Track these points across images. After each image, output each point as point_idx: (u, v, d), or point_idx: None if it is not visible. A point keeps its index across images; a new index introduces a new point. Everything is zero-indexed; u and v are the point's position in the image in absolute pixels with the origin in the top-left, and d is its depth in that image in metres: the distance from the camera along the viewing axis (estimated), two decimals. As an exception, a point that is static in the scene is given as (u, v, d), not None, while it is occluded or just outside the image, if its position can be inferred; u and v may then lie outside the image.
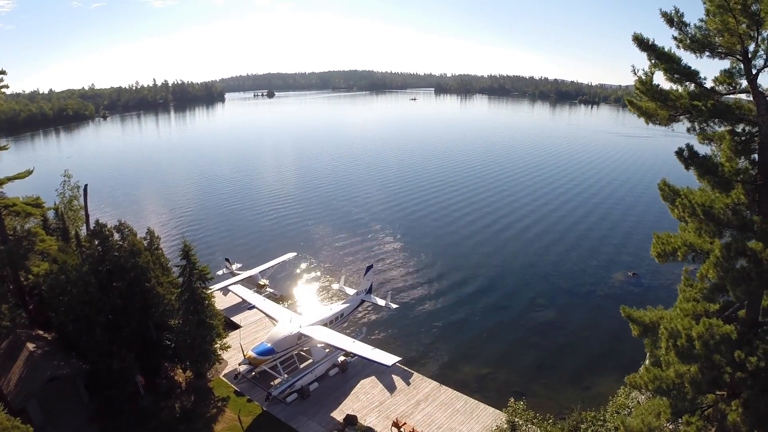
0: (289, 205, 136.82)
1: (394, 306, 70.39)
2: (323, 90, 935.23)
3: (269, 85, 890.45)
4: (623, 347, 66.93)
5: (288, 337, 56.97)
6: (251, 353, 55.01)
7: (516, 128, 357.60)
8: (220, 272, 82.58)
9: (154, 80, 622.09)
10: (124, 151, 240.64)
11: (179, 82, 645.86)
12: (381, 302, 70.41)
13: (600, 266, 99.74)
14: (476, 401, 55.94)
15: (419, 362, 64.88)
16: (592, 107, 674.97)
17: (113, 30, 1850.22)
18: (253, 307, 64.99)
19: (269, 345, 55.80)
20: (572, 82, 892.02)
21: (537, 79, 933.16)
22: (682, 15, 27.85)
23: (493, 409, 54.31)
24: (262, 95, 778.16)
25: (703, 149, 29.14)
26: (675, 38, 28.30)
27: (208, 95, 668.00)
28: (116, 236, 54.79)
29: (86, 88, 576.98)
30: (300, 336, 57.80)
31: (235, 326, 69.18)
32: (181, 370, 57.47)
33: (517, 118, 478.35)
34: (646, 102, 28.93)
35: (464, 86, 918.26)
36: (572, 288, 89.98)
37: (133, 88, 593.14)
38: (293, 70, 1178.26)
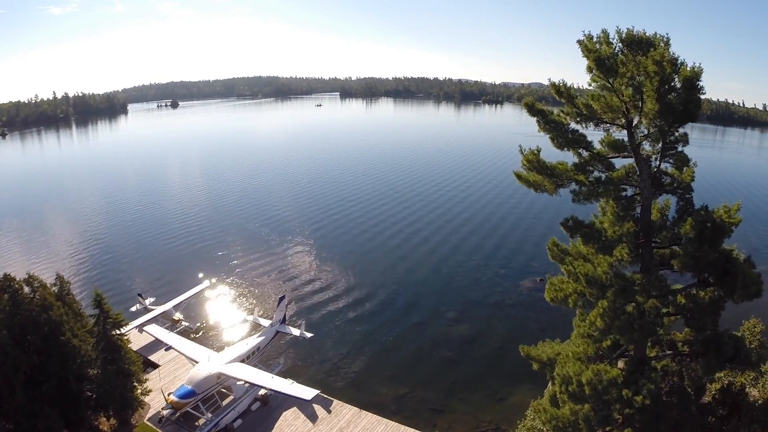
0: (197, 229, 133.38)
1: (309, 335, 70.69)
2: (228, 98, 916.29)
3: (173, 94, 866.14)
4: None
5: (208, 377, 57.29)
6: (173, 397, 54.99)
7: (422, 132, 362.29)
8: (133, 308, 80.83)
9: (54, 93, 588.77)
10: (26, 175, 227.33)
11: (80, 95, 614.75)
12: (296, 332, 70.66)
13: (508, 274, 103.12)
14: (396, 423, 57.42)
15: (338, 388, 65.85)
16: (496, 107, 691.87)
17: (10, 39, 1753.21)
18: (170, 348, 64.83)
19: (190, 387, 55.98)
20: (476, 81, 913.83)
21: (441, 80, 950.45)
22: (570, 87, 30.08)
23: (414, 430, 56.08)
24: (166, 106, 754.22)
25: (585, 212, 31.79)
26: (563, 111, 30.56)
27: (110, 107, 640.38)
28: (26, 289, 53.88)
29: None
30: (220, 375, 58.32)
31: (154, 365, 68.61)
32: (105, 419, 57.11)
33: (423, 121, 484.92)
34: (534, 175, 31.20)
35: (369, 89, 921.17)
36: (482, 299, 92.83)
37: (33, 102, 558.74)
38: (197, 78, 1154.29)
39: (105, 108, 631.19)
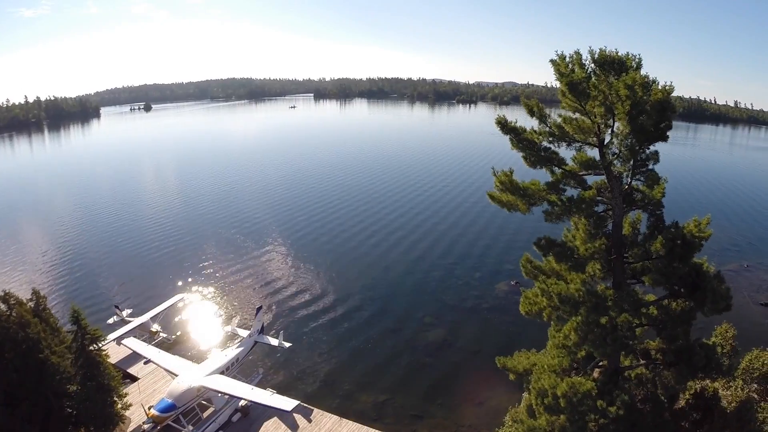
0: (174, 236, 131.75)
1: (287, 344, 70.87)
2: (201, 100, 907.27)
3: (146, 97, 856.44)
4: (510, 360, 70.32)
5: (188, 390, 57.10)
6: (154, 412, 54.81)
7: (396, 133, 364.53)
8: (110, 321, 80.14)
9: (26, 97, 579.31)
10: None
11: (52, 99, 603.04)
12: (274, 342, 70.78)
13: (483, 278, 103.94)
14: (377, 431, 57.82)
15: (318, 397, 65.95)
16: (469, 106, 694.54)
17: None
18: (149, 361, 64.71)
19: (170, 400, 55.80)
20: (450, 81, 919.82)
21: (415, 80, 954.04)
22: (542, 108, 30.63)
23: (394, 437, 56.69)
24: (139, 109, 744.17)
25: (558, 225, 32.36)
26: (534, 131, 31.11)
27: (82, 111, 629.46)
28: (2, 307, 53.53)
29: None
30: (200, 388, 58.23)
31: (133, 378, 68.19)
32: (86, 436, 56.97)
33: (397, 121, 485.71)
34: (507, 195, 31.77)
35: (343, 90, 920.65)
36: (458, 303, 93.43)
37: (4, 106, 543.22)
38: (170, 80, 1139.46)
39: (77, 112, 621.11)
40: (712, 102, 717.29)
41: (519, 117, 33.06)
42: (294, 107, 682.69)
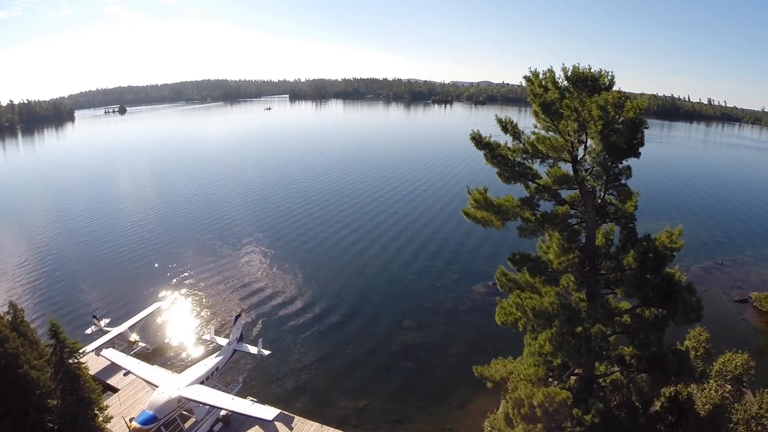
0: (151, 243, 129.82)
1: (267, 352, 70.59)
2: (176, 102, 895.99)
3: (120, 99, 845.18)
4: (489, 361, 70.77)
5: (169, 401, 56.96)
6: (135, 424, 54.63)
7: (373, 134, 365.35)
8: (88, 331, 79.35)
9: None
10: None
11: (26, 102, 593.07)
12: (253, 350, 70.50)
13: (460, 279, 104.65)
14: (357, 437, 58.25)
15: (298, 404, 66.21)
16: (445, 106, 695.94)
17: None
18: (129, 372, 64.45)
19: (151, 412, 55.61)
20: (425, 81, 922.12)
21: (391, 80, 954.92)
22: (516, 125, 31.12)
23: (375, 442, 57.03)
24: (114, 111, 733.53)
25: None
26: (509, 149, 31.60)
27: (56, 114, 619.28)
28: (-20, 322, 53.20)
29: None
30: (180, 399, 58.20)
31: (113, 389, 67.80)
32: (68, 450, 56.59)
33: (373, 123, 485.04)
34: (482, 212, 32.26)
35: (319, 91, 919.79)
36: (436, 305, 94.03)
37: None
38: (145, 82, 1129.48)
39: (51, 115, 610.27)
40: (686, 99, 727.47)
41: (494, 123, 33.42)
42: (270, 109, 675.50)
